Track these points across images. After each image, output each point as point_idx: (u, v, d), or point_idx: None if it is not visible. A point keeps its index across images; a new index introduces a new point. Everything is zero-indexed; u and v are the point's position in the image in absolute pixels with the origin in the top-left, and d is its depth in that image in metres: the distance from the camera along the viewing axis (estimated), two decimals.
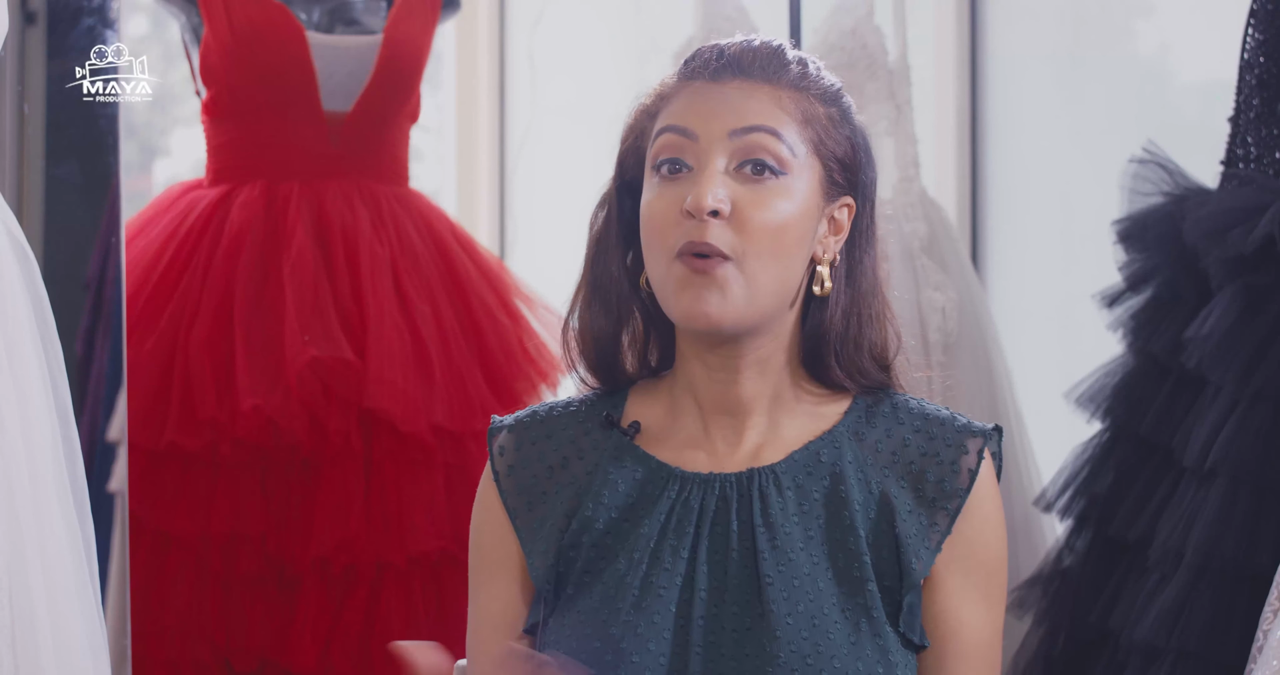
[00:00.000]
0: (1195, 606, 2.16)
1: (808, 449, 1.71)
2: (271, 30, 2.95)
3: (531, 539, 1.73)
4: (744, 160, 1.67)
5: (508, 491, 1.76)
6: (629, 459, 1.73)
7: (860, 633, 1.65)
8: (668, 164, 1.68)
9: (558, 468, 1.75)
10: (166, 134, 4.81)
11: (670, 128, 1.69)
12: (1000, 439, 1.72)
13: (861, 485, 1.70)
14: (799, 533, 1.68)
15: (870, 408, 1.74)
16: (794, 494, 1.69)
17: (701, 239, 1.65)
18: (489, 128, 4.67)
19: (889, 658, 1.65)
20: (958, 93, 3.42)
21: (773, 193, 1.67)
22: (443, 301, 2.99)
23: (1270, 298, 2.25)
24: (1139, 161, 2.48)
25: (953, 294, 3.01)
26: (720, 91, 1.69)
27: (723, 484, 1.70)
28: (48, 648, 1.73)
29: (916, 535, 1.68)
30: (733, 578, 1.67)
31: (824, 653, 1.63)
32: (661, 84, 1.75)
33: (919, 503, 1.69)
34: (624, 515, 1.71)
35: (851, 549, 1.67)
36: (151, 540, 2.78)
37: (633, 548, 1.69)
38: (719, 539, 1.69)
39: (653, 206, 1.68)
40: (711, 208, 1.65)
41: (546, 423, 1.78)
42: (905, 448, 1.72)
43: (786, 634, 1.64)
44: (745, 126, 1.68)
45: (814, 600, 1.65)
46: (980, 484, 1.70)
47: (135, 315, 2.85)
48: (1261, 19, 2.38)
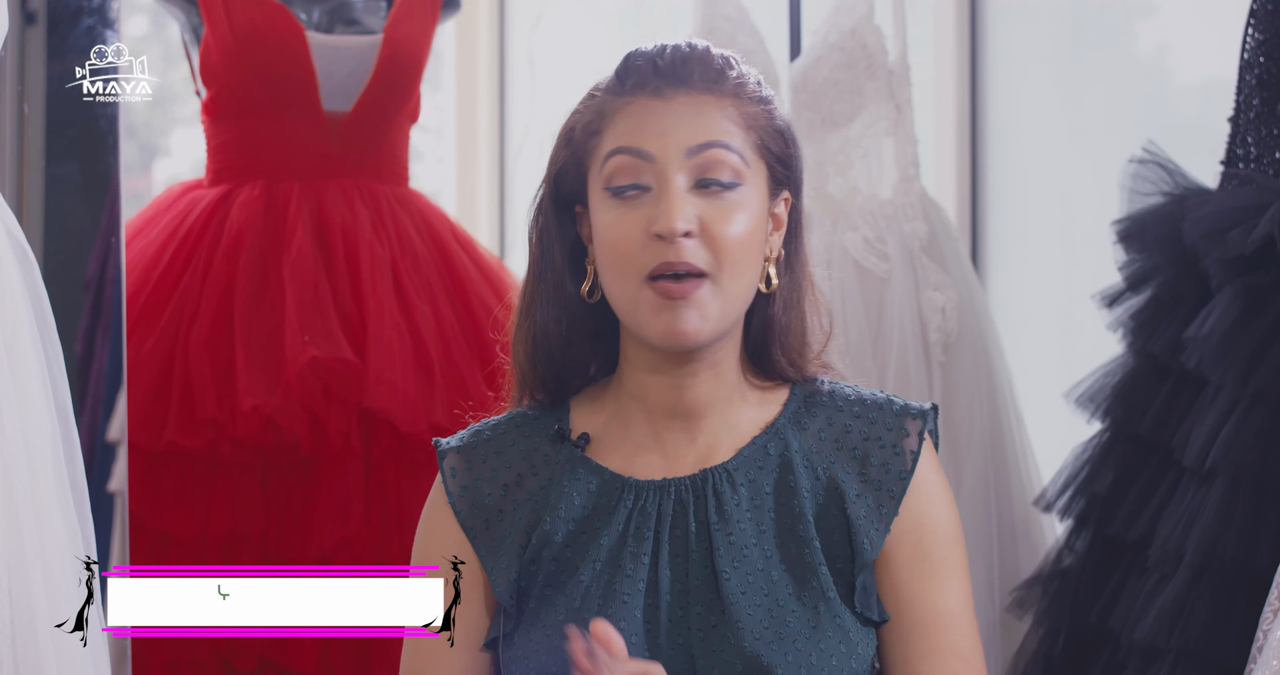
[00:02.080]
0: (1195, 606, 2.16)
1: (755, 444, 1.74)
2: (271, 30, 2.95)
3: (492, 557, 1.75)
4: (702, 177, 1.69)
5: (463, 512, 1.77)
6: (582, 471, 1.74)
7: (819, 616, 1.68)
8: (623, 187, 1.69)
9: (513, 485, 1.76)
10: (166, 134, 4.81)
11: (624, 149, 1.69)
12: (936, 417, 1.76)
13: (808, 472, 1.73)
14: (752, 527, 1.71)
15: (808, 397, 1.77)
16: (747, 490, 1.72)
17: (679, 258, 1.67)
18: (489, 128, 4.67)
19: (849, 637, 1.68)
20: (958, 93, 3.42)
21: (733, 206, 1.69)
22: (443, 301, 2.99)
23: (1270, 298, 2.25)
24: (1139, 161, 2.48)
25: (953, 294, 3.01)
26: (668, 108, 1.70)
27: (678, 488, 1.73)
28: (48, 648, 1.73)
29: (866, 517, 1.71)
30: (694, 578, 1.70)
31: (786, 639, 1.66)
32: (596, 98, 1.75)
33: (865, 486, 1.73)
34: (581, 528, 1.73)
35: (801, 536, 1.70)
36: (151, 540, 2.78)
37: (594, 558, 1.71)
38: (679, 542, 1.71)
39: (616, 230, 1.69)
40: (684, 230, 1.66)
41: (494, 440, 1.79)
42: (847, 434, 1.75)
43: (749, 625, 1.67)
44: (700, 143, 1.69)
45: (769, 592, 1.68)
46: (923, 463, 1.74)
47: (135, 315, 2.85)
48: (1261, 19, 2.38)
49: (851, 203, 3.10)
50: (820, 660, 1.66)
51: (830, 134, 3.11)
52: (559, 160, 1.76)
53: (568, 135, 1.75)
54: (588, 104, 1.75)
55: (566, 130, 1.76)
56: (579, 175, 1.74)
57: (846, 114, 3.11)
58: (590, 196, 1.73)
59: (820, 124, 3.11)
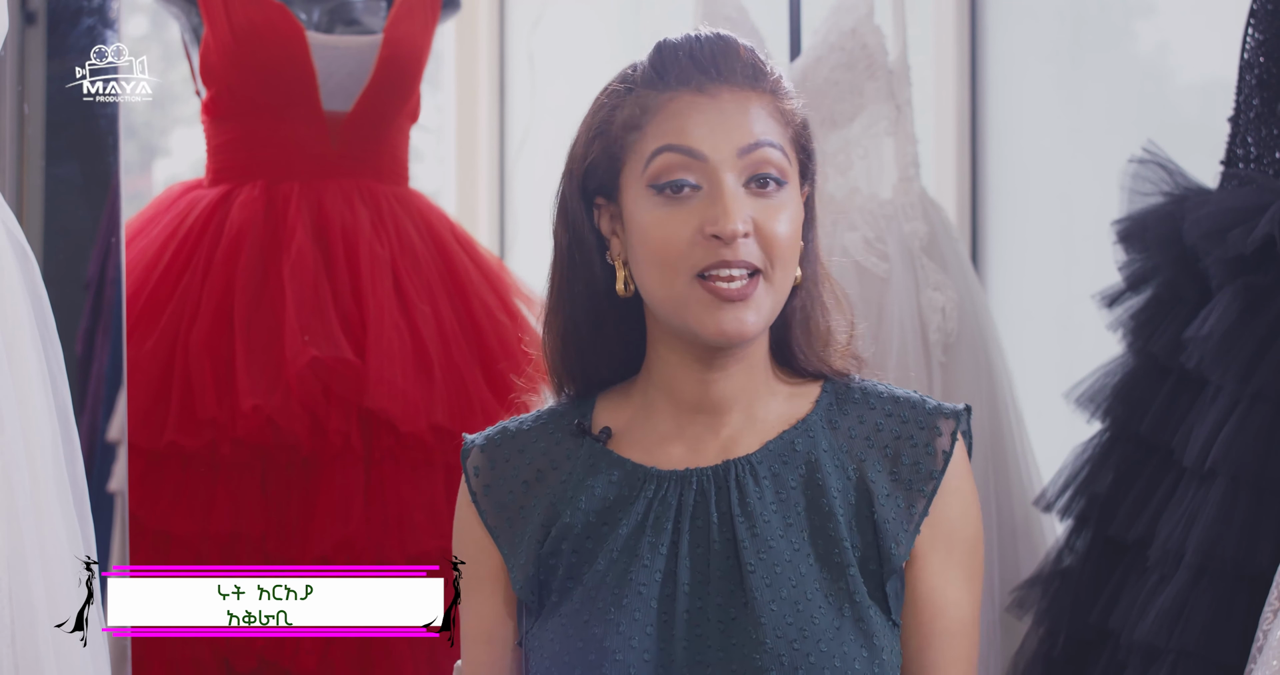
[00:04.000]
0: (1195, 606, 2.16)
1: (782, 438, 1.73)
2: (271, 30, 2.95)
3: (514, 553, 1.75)
4: (753, 176, 1.69)
5: (486, 510, 1.77)
6: (604, 464, 1.74)
7: (844, 617, 1.66)
8: (671, 184, 1.69)
9: (533, 482, 1.77)
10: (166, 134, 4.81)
11: (673, 148, 1.69)
12: (969, 418, 1.75)
13: (838, 471, 1.72)
14: (778, 520, 1.69)
15: (841, 394, 1.76)
16: (771, 483, 1.71)
17: (736, 258, 1.66)
18: (489, 128, 4.67)
19: (874, 641, 1.66)
20: (958, 93, 3.42)
21: (781, 205, 1.70)
22: (443, 301, 2.99)
23: (1270, 298, 2.25)
24: (1139, 161, 2.48)
25: (953, 294, 3.01)
26: (715, 106, 1.69)
27: (700, 478, 1.72)
28: (48, 648, 1.73)
29: (895, 519, 1.70)
30: (715, 569, 1.68)
31: (809, 637, 1.65)
32: (633, 91, 1.72)
33: (895, 485, 1.71)
34: (601, 519, 1.72)
35: (832, 534, 1.69)
36: (151, 540, 2.78)
37: (612, 548, 1.70)
38: (700, 532, 1.70)
39: (664, 228, 1.68)
40: (743, 232, 1.67)
41: (518, 438, 1.79)
42: (879, 432, 1.73)
43: (771, 620, 1.65)
44: (751, 143, 1.69)
45: (796, 586, 1.67)
46: (955, 464, 1.72)
47: (135, 315, 2.85)
48: (1261, 19, 2.38)
49: (851, 203, 3.10)
50: (844, 664, 1.64)
51: (830, 134, 3.11)
52: (589, 154, 1.73)
53: (601, 128, 1.73)
54: (623, 98, 1.72)
55: (599, 123, 1.73)
56: (611, 170, 1.73)
57: (847, 114, 3.11)
58: (625, 192, 1.72)
59: (820, 124, 3.11)
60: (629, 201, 1.71)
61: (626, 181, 1.71)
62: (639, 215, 1.70)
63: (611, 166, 1.72)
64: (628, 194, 1.71)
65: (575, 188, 1.75)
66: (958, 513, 1.72)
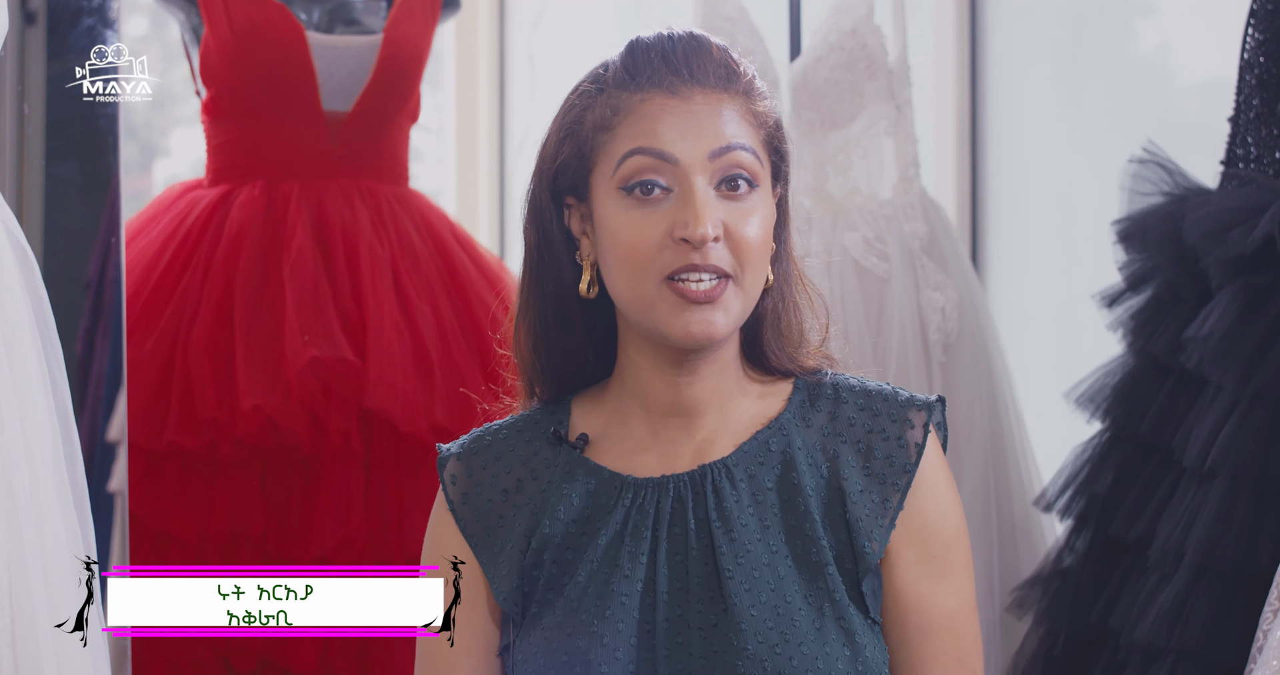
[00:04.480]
0: (1195, 606, 2.16)
1: (756, 439, 1.72)
2: (271, 30, 2.95)
3: (493, 563, 1.74)
4: (724, 178, 1.68)
5: (465, 519, 1.76)
6: (580, 472, 1.74)
7: (824, 617, 1.66)
8: (641, 186, 1.68)
9: (512, 491, 1.76)
10: (166, 134, 4.81)
11: (644, 150, 1.68)
12: (944, 409, 1.73)
13: (812, 470, 1.71)
14: (755, 524, 1.69)
15: (813, 390, 1.75)
16: (747, 485, 1.70)
17: (705, 262, 1.66)
18: (489, 128, 4.67)
19: (855, 640, 1.66)
20: (958, 93, 3.42)
21: (752, 208, 1.69)
22: (443, 301, 2.99)
23: (1270, 298, 2.25)
24: (1139, 161, 2.48)
25: (953, 294, 3.01)
26: (687, 108, 1.69)
27: (676, 484, 1.71)
28: (48, 648, 1.73)
29: (868, 516, 1.69)
30: (694, 576, 1.68)
31: (790, 640, 1.64)
32: (604, 91, 1.72)
33: (869, 480, 1.70)
34: (580, 528, 1.72)
35: (808, 534, 1.68)
36: (151, 540, 2.78)
37: (591, 558, 1.69)
38: (678, 539, 1.70)
39: (634, 231, 1.68)
40: (713, 236, 1.66)
41: (494, 446, 1.78)
42: (851, 426, 1.73)
43: (752, 625, 1.65)
44: (723, 147, 1.68)
45: (775, 589, 1.66)
46: (928, 457, 1.71)
47: (135, 315, 2.85)
48: (1261, 19, 2.38)
49: (851, 203, 3.10)
50: (827, 665, 1.63)
51: (830, 134, 3.11)
52: (560, 154, 1.73)
53: (572, 129, 1.72)
54: (594, 98, 1.72)
55: (570, 124, 1.73)
56: (581, 170, 1.72)
57: (847, 114, 3.11)
58: (595, 193, 1.71)
59: (820, 124, 3.11)
60: (599, 202, 1.71)
61: (597, 182, 1.71)
62: (609, 217, 1.69)
63: (582, 167, 1.72)
64: (598, 195, 1.71)
65: (545, 187, 1.75)
66: (932, 506, 1.71)
